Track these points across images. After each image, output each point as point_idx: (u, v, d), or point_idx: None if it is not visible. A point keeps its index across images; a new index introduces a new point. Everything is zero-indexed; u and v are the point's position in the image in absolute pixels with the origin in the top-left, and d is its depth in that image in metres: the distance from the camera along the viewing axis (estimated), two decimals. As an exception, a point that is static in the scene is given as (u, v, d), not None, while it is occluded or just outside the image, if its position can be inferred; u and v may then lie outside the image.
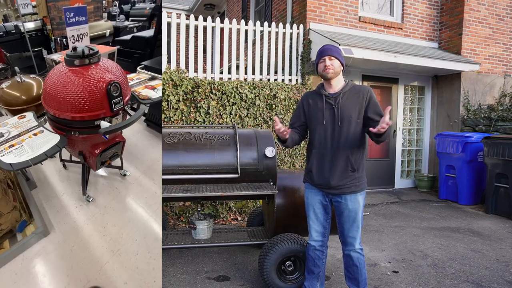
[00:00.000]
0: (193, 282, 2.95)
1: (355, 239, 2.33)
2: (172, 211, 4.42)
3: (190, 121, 4.60)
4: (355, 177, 2.28)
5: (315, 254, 2.45)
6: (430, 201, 6.06)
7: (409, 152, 7.16)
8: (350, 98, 2.28)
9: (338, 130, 2.27)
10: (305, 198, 2.48)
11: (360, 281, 2.40)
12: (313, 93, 2.45)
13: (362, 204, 2.34)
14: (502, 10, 6.99)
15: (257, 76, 5.42)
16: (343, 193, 2.29)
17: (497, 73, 7.02)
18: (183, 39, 5.13)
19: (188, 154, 2.99)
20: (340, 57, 2.33)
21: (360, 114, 2.26)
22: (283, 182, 3.06)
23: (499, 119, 6.20)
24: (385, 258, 3.52)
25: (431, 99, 7.14)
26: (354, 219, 2.30)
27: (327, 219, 2.44)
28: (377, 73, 6.53)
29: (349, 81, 2.37)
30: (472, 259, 3.53)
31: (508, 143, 4.91)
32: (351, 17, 6.19)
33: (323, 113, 2.31)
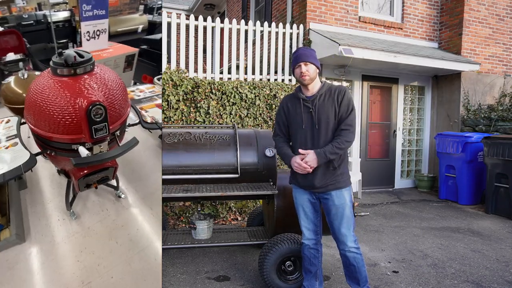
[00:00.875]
0: (193, 282, 2.95)
1: (347, 237, 2.35)
2: (172, 211, 4.42)
3: (190, 121, 4.60)
4: (338, 173, 2.33)
5: (310, 252, 2.49)
6: (430, 201, 6.06)
7: (409, 152, 7.16)
8: (326, 99, 2.34)
9: (316, 132, 2.32)
10: (294, 198, 2.52)
11: (360, 279, 2.40)
12: (292, 97, 2.49)
13: (349, 200, 2.37)
14: (502, 10, 6.99)
15: (257, 76, 5.42)
16: (329, 190, 2.33)
17: (497, 73, 7.02)
18: (183, 39, 5.13)
19: (188, 154, 2.99)
20: (316, 61, 2.37)
21: (336, 115, 2.32)
22: (283, 182, 3.06)
23: (499, 119, 6.20)
24: (385, 258, 3.52)
25: (431, 99, 7.14)
26: (342, 215, 2.33)
27: (317, 216, 2.47)
28: (377, 73, 6.53)
29: (325, 82, 2.42)
30: (472, 259, 3.53)
31: (508, 143, 4.90)
32: (351, 17, 6.19)
33: (301, 117, 2.36)
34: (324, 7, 5.94)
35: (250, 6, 8.77)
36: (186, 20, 5.12)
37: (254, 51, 5.61)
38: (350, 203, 2.37)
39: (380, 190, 6.73)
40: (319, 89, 2.38)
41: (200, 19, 5.15)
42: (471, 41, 6.69)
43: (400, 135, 6.94)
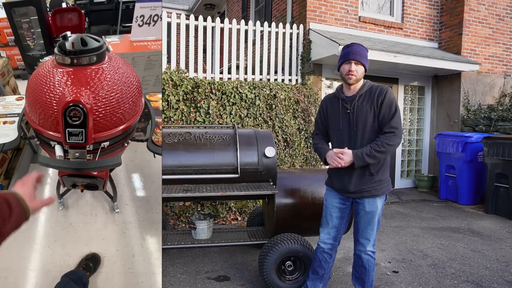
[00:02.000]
0: (193, 282, 2.95)
1: (368, 241, 2.31)
2: (172, 211, 4.42)
3: (190, 121, 4.60)
4: (375, 180, 2.23)
5: (322, 256, 2.43)
6: (430, 201, 6.06)
7: (409, 152, 7.16)
8: (366, 100, 2.22)
9: (354, 135, 2.23)
10: (324, 199, 2.47)
11: (366, 282, 2.39)
12: (332, 96, 2.41)
13: (381, 208, 2.30)
14: (502, 10, 6.99)
15: (257, 76, 5.43)
16: (363, 197, 2.26)
17: (497, 73, 7.01)
18: (183, 39, 5.13)
19: (188, 154, 2.99)
20: (366, 62, 2.26)
21: (375, 117, 2.19)
22: (283, 182, 3.06)
23: (499, 119, 6.20)
24: (385, 258, 3.52)
25: (431, 99, 7.14)
26: (369, 221, 2.28)
27: (342, 223, 2.41)
28: (377, 73, 6.52)
29: (367, 82, 2.30)
30: (472, 259, 3.53)
31: (508, 143, 4.91)
32: (351, 17, 6.19)
33: (339, 119, 2.29)
34: (324, 7, 5.94)
35: (250, 6, 8.77)
36: (186, 20, 5.12)
37: (254, 51, 5.61)
38: (381, 211, 2.31)
39: (380, 190, 6.72)
40: (359, 89, 2.26)
41: (200, 19, 5.15)
42: (471, 41, 6.69)
43: (400, 135, 6.93)
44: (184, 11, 11.52)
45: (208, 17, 5.38)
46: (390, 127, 2.15)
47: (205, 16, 5.49)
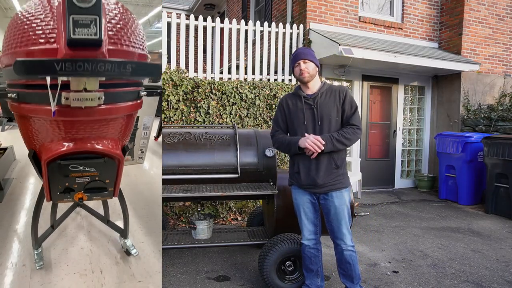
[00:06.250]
0: (193, 282, 2.95)
1: (345, 236, 2.39)
2: (172, 211, 4.42)
3: (190, 121, 4.60)
4: (339, 173, 2.37)
5: (310, 252, 2.51)
6: (430, 201, 6.06)
7: (409, 152, 7.16)
8: (328, 97, 2.37)
9: (318, 129, 2.34)
10: (294, 199, 2.52)
11: (353, 277, 2.45)
12: (292, 95, 2.51)
13: (348, 201, 2.41)
14: (502, 10, 6.99)
15: (257, 76, 5.43)
16: (330, 190, 2.35)
17: (497, 73, 7.01)
18: (183, 39, 5.13)
19: (188, 154, 2.99)
20: (314, 59, 2.40)
21: (338, 112, 2.35)
22: (283, 182, 3.05)
23: (499, 119, 6.20)
24: (385, 258, 3.52)
25: (431, 99, 7.14)
26: (342, 216, 2.36)
27: (317, 216, 2.49)
28: (377, 73, 6.53)
29: (325, 82, 2.47)
30: (472, 259, 3.53)
31: (508, 143, 4.91)
32: (351, 17, 6.19)
33: (303, 114, 2.38)
34: (324, 7, 5.94)
35: (250, 6, 8.77)
36: (186, 20, 5.12)
37: (254, 51, 5.61)
38: (349, 204, 2.41)
39: (380, 190, 6.73)
40: (320, 87, 2.41)
41: (200, 19, 5.15)
42: (471, 41, 6.69)
43: (400, 135, 6.94)
44: (184, 11, 11.52)
45: (208, 17, 5.38)
46: (352, 124, 2.32)
47: (205, 16, 5.49)
